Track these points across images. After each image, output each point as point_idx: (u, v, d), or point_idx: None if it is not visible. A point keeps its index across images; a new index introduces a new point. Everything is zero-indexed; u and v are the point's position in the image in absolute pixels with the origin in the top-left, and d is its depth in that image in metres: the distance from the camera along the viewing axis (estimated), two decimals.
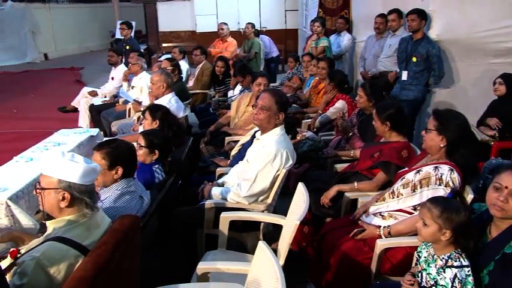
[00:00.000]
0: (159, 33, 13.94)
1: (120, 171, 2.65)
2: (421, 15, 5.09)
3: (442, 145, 2.63)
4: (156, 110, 3.85)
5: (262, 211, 3.13)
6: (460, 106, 4.98)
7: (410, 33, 5.27)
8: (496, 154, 4.16)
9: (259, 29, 10.20)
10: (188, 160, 4.17)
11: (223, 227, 2.94)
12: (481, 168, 3.64)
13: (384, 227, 2.71)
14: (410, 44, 5.25)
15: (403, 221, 2.69)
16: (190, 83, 7.33)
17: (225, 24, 8.73)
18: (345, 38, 7.42)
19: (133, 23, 9.72)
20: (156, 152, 3.24)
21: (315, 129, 4.82)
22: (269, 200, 3.16)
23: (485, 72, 4.97)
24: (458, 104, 5.11)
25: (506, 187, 2.01)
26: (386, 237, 2.67)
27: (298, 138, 4.27)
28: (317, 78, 5.87)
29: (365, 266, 2.68)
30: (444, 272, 2.05)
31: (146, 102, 5.34)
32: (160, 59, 7.63)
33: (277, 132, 3.19)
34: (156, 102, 4.54)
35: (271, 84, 6.38)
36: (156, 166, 3.24)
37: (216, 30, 9.66)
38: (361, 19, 7.32)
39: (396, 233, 2.66)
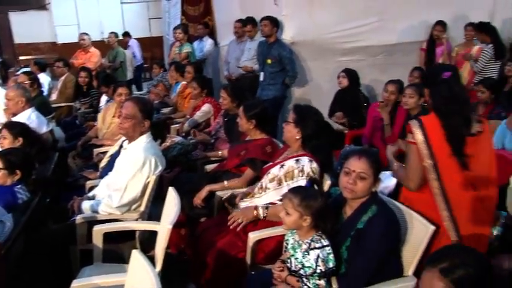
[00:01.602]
0: (14, 45, 12.85)
1: None
2: (273, 21, 5.38)
3: (297, 137, 2.81)
4: (13, 127, 3.56)
5: (136, 219, 3.05)
6: (315, 101, 5.30)
7: (265, 37, 5.52)
8: (350, 141, 4.53)
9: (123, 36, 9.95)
10: (55, 176, 3.91)
11: (97, 240, 2.81)
12: (338, 155, 3.93)
13: (261, 206, 2.81)
14: (266, 47, 5.50)
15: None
16: (54, 96, 6.88)
17: (86, 34, 8.33)
18: (207, 43, 7.50)
19: None
20: (18, 171, 2.99)
21: (183, 134, 4.82)
22: (142, 208, 3.09)
23: (335, 69, 5.39)
24: (314, 99, 5.46)
25: (354, 171, 2.19)
26: (263, 216, 2.77)
27: (168, 143, 4.24)
28: (184, 83, 5.88)
29: (240, 259, 2.73)
30: (308, 254, 2.16)
31: (2, 119, 4.89)
32: (18, 72, 7.05)
33: (144, 139, 3.13)
34: (15, 119, 4.19)
35: (138, 93, 6.27)
36: (19, 186, 2.99)
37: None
38: (223, 24, 7.46)
39: (273, 213, 2.77)
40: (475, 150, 2.42)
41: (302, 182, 2.69)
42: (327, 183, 2.79)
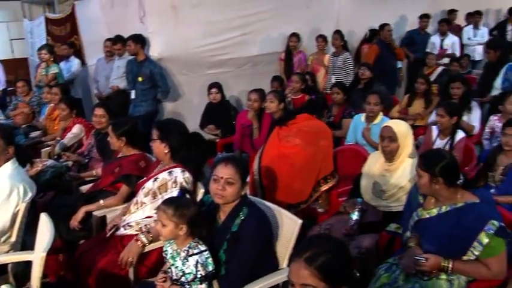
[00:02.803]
0: None
1: None
2: (136, 40, 5.28)
3: (166, 151, 2.80)
4: None
5: (7, 251, 2.80)
6: (187, 114, 5.38)
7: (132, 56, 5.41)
8: (221, 149, 4.62)
9: None
10: None
11: None
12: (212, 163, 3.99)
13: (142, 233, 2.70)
14: (135, 65, 5.39)
15: None
16: None
17: None
18: (74, 63, 7.13)
19: None
20: None
21: (55, 156, 4.54)
22: (13, 239, 2.83)
23: (204, 82, 5.47)
24: (186, 112, 5.51)
25: (222, 177, 2.25)
26: (148, 241, 2.64)
27: (40, 167, 3.96)
28: (52, 105, 5.52)
29: (123, 277, 2.64)
30: (188, 261, 2.17)
31: None
32: None
33: (9, 166, 2.88)
34: None
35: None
36: None
37: None
38: (90, 44, 7.16)
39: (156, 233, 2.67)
40: None
41: (176, 193, 2.68)
42: (200, 192, 2.83)
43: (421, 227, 2.43)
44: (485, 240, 2.18)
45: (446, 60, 7.17)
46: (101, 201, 3.22)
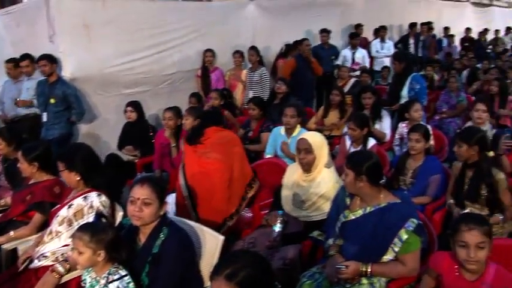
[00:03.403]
0: None
1: None
2: (51, 60, 5.05)
3: (77, 178, 2.70)
4: None
5: None
6: (104, 135, 5.21)
7: (46, 77, 5.16)
8: (141, 169, 4.53)
9: None
10: None
11: None
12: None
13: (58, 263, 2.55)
14: (47, 86, 5.14)
15: None
16: None
17: None
18: None
19: None
20: None
21: None
22: None
23: (120, 102, 5.33)
24: (103, 133, 5.34)
25: (138, 198, 2.20)
26: (65, 271, 2.49)
27: None
28: None
29: None
30: None
31: None
32: None
33: None
34: None
35: None
36: None
37: None
38: None
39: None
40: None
41: (92, 218, 2.58)
42: (119, 214, 2.75)
43: (347, 228, 2.55)
44: (405, 237, 2.35)
45: (357, 72, 7.58)
46: (11, 233, 3.01)
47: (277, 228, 2.96)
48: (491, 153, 3.33)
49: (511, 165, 3.76)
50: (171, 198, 3.41)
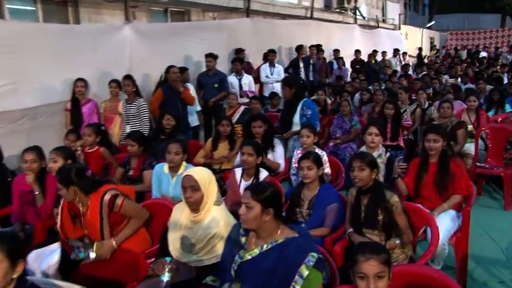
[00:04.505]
0: None
1: None
2: None
3: None
4: None
5: None
6: None
7: None
8: None
9: None
10: None
11: None
12: None
13: None
14: None
15: None
16: None
17: None
18: None
19: None
20: None
21: None
22: None
23: None
24: None
25: None
26: None
27: None
28: None
29: None
30: None
31: None
32: None
33: None
34: None
35: None
36: None
37: None
38: None
39: None
40: None
41: None
42: None
43: (245, 269, 2.54)
44: (306, 273, 2.38)
45: (246, 99, 7.74)
46: None
47: (165, 278, 2.85)
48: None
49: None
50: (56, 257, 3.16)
